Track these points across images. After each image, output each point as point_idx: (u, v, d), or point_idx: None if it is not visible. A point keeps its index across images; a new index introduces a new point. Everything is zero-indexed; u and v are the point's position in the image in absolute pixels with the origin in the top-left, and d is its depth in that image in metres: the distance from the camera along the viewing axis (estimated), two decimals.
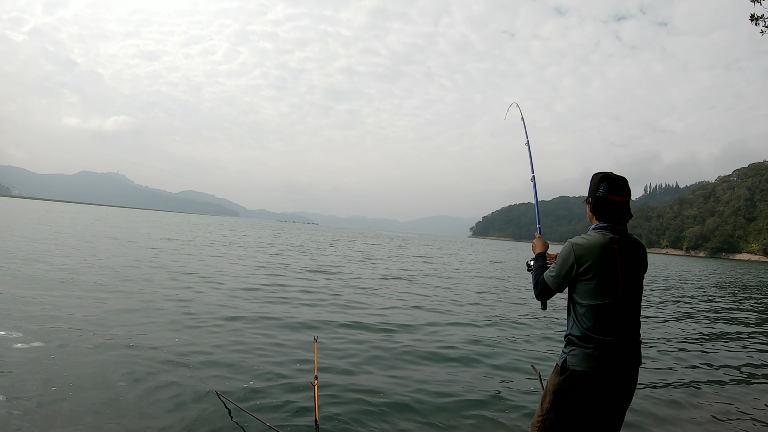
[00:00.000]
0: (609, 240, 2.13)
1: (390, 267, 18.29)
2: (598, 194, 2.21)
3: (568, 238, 2.25)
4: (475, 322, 7.94)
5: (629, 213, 2.21)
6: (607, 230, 2.17)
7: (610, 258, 2.10)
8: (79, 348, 4.80)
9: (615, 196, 2.19)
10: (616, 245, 2.13)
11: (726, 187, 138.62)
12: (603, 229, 2.18)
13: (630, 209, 2.23)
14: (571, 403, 2.12)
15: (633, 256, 2.15)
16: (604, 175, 2.24)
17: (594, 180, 2.27)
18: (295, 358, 5.10)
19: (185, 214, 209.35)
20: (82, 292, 7.64)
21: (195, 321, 6.40)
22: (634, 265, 2.15)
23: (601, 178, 2.23)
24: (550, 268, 2.28)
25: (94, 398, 3.67)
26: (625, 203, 2.20)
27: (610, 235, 2.15)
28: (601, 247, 2.11)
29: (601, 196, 2.20)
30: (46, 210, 57.00)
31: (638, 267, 2.17)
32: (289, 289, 10.04)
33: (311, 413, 3.47)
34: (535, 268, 2.42)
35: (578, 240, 2.18)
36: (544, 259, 2.46)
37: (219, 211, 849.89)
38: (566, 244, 2.22)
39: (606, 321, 2.09)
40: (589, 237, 2.17)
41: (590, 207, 2.27)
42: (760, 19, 6.83)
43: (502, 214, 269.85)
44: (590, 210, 2.27)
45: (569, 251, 2.16)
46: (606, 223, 2.19)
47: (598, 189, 2.22)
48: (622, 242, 2.15)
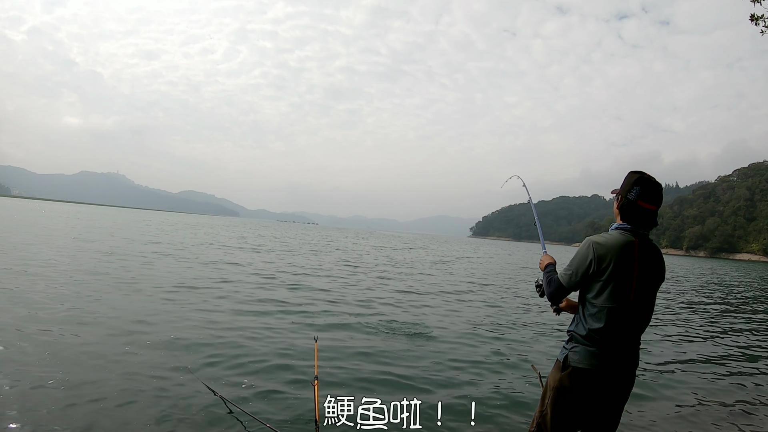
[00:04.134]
0: (629, 243, 2.08)
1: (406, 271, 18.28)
2: (629, 196, 2.12)
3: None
4: (476, 322, 7.94)
5: (655, 221, 2.14)
6: (629, 232, 2.12)
7: (628, 262, 2.06)
8: (77, 347, 4.80)
9: (645, 203, 2.10)
10: (636, 250, 2.08)
11: (726, 187, 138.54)
12: (625, 231, 2.13)
13: (657, 218, 2.16)
14: (571, 399, 2.13)
15: (650, 263, 2.11)
16: (640, 176, 2.14)
17: (629, 179, 2.16)
18: (295, 358, 5.10)
19: (185, 215, 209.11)
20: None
21: (194, 321, 6.40)
22: (651, 272, 2.11)
23: (636, 180, 2.13)
24: (565, 267, 2.23)
25: (89, 398, 3.66)
26: (654, 211, 2.13)
27: (631, 238, 2.10)
28: (620, 249, 2.07)
29: (631, 200, 2.11)
30: (29, 209, 55.78)
31: (654, 274, 2.12)
32: (288, 289, 10.05)
33: (311, 413, 3.47)
34: (547, 272, 2.36)
35: (598, 239, 2.13)
36: (554, 267, 2.42)
37: (219, 211, 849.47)
38: (586, 241, 2.17)
39: (613, 324, 2.07)
40: (609, 237, 2.12)
41: (618, 205, 2.19)
42: (760, 19, 6.83)
43: (502, 214, 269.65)
44: (617, 207, 2.20)
45: (589, 248, 2.11)
46: (630, 225, 2.14)
47: (630, 191, 2.13)
48: (642, 248, 2.10)
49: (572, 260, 2.18)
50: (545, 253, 2.60)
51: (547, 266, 2.43)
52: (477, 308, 9.58)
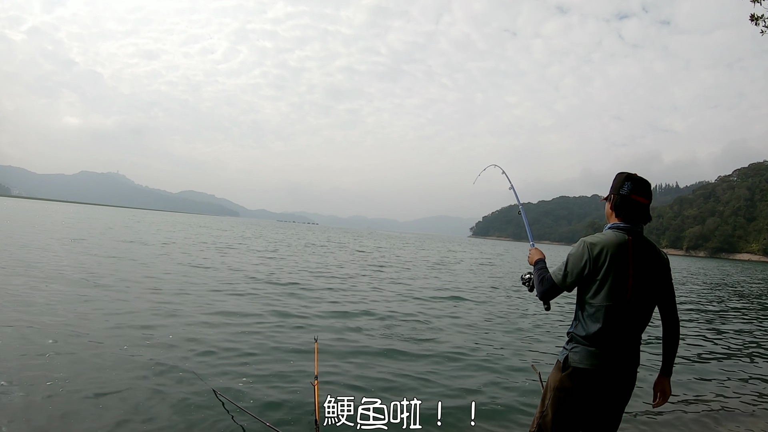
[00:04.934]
0: (624, 241, 2.10)
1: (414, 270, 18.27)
2: (621, 192, 2.18)
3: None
4: (476, 323, 7.94)
5: (649, 216, 2.19)
6: (622, 231, 2.14)
7: (623, 260, 2.07)
8: (75, 347, 4.80)
9: (638, 197, 2.17)
10: (630, 247, 2.10)
11: (726, 187, 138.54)
12: (618, 230, 2.15)
13: (650, 212, 2.21)
14: (571, 400, 2.12)
15: (647, 260, 2.11)
16: (629, 174, 2.22)
17: (618, 178, 2.24)
18: (296, 357, 5.11)
19: (185, 215, 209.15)
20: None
21: (193, 321, 6.40)
22: (647, 268, 2.11)
23: (626, 177, 2.21)
24: (558, 266, 2.23)
25: (89, 398, 3.66)
26: (647, 205, 2.19)
27: (625, 236, 2.12)
28: (615, 247, 2.08)
29: (624, 195, 2.17)
30: (26, 210, 56.50)
31: (651, 271, 2.12)
32: (290, 289, 10.05)
33: (311, 413, 3.47)
34: (538, 269, 2.37)
35: (592, 239, 2.14)
36: (544, 263, 2.43)
37: (219, 211, 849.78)
38: (579, 242, 2.18)
39: (612, 324, 2.07)
40: (603, 236, 2.14)
41: (611, 204, 2.23)
42: (760, 19, 6.83)
43: (502, 214, 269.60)
44: (611, 207, 2.24)
45: (584, 249, 2.12)
46: (624, 223, 2.16)
47: (622, 187, 2.19)
48: (637, 245, 2.11)
49: (566, 261, 2.18)
50: (533, 246, 2.61)
51: (537, 262, 2.43)
52: (477, 308, 9.58)
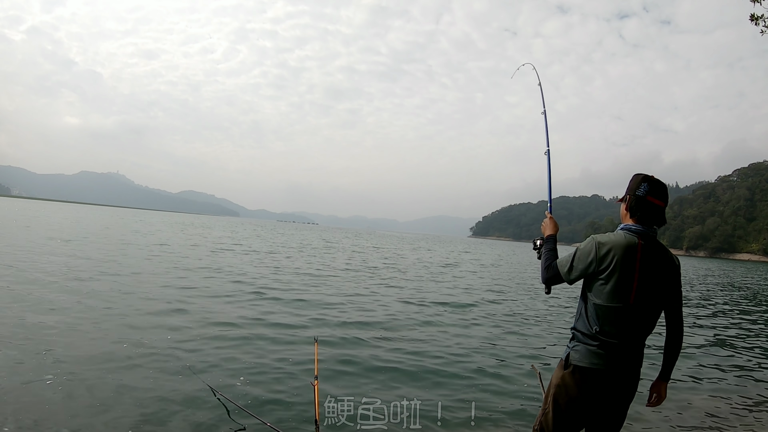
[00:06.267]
0: (633, 244, 2.08)
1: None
2: (637, 193, 2.16)
3: (568, 238, 2.24)
4: (476, 323, 7.94)
5: (664, 219, 2.17)
6: (633, 233, 2.12)
7: (630, 263, 2.06)
8: (75, 345, 4.80)
9: (654, 199, 2.15)
10: (638, 250, 2.07)
11: (726, 187, 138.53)
12: (630, 232, 2.13)
13: (665, 216, 2.19)
14: (573, 398, 2.12)
15: (655, 264, 2.09)
16: (645, 176, 2.20)
17: (635, 179, 2.22)
18: (296, 358, 5.11)
19: (185, 215, 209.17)
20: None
21: (193, 319, 6.41)
22: (655, 273, 2.08)
23: (643, 179, 2.19)
24: (566, 257, 2.23)
25: (89, 398, 3.66)
26: (663, 208, 2.17)
27: (635, 239, 2.10)
28: (623, 249, 2.07)
29: (640, 195, 2.15)
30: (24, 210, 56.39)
31: (659, 275, 2.10)
32: (290, 289, 10.06)
33: (311, 413, 3.48)
34: (546, 251, 2.37)
35: (602, 238, 2.13)
36: (555, 242, 2.43)
37: (219, 211, 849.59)
38: (589, 239, 2.18)
39: (613, 324, 2.07)
40: (614, 237, 2.13)
41: (626, 205, 2.21)
42: (760, 19, 6.83)
43: (502, 214, 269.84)
44: (626, 208, 2.22)
45: (592, 247, 2.12)
46: (638, 224, 2.14)
47: (638, 188, 2.17)
48: (646, 248, 2.09)
49: (574, 255, 2.18)
50: (549, 215, 2.59)
51: (548, 239, 2.43)
52: (477, 309, 9.58)
